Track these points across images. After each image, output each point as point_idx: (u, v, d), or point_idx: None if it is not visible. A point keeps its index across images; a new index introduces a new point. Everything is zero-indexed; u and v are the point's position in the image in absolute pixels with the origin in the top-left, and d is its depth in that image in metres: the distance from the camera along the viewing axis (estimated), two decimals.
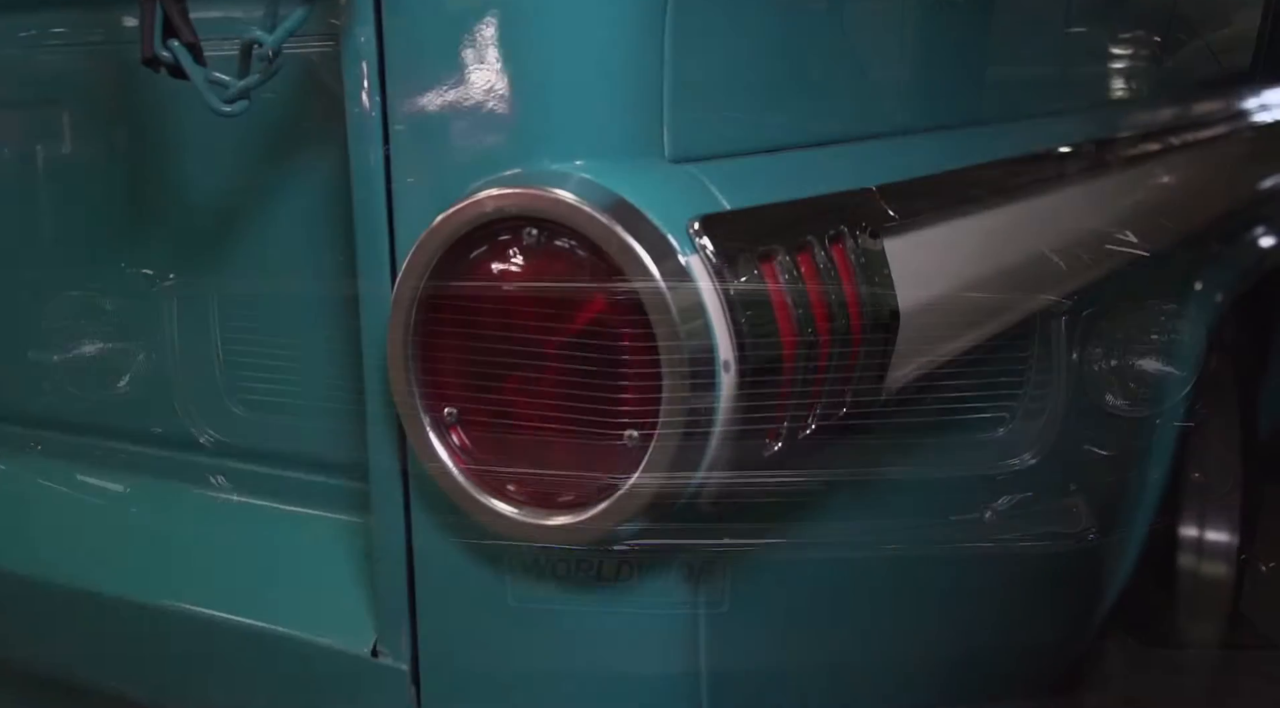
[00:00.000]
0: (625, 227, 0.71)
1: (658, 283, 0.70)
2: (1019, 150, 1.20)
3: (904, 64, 1.05)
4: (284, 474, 1.02)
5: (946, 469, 1.22)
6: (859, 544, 0.96)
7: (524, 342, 0.75)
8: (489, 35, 0.76)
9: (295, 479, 1.01)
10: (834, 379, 0.84)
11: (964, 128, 1.13)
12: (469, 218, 0.74)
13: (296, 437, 1.00)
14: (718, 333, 0.72)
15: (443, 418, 0.79)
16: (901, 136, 1.02)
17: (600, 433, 0.74)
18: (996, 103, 1.23)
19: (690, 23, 0.79)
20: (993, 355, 1.17)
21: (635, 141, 0.78)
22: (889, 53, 1.02)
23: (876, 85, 1.00)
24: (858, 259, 0.86)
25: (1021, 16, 1.30)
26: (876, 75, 1.00)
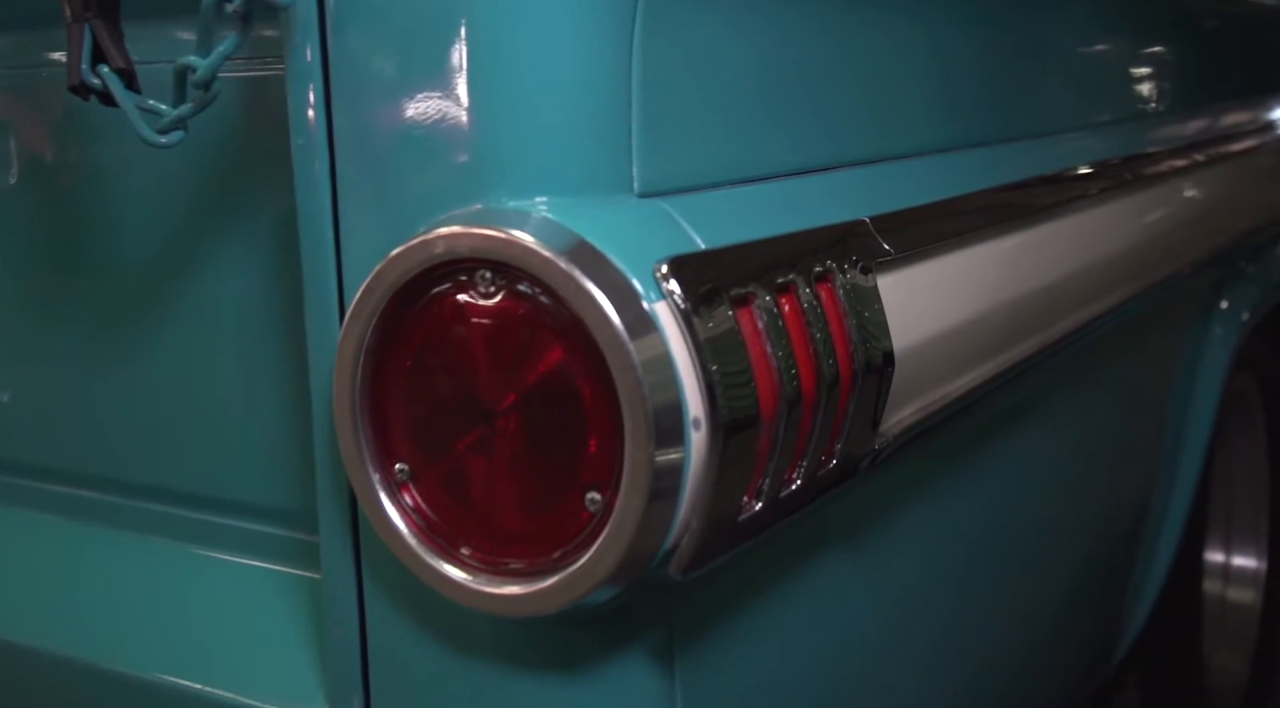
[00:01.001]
0: (584, 270, 0.65)
1: (618, 333, 0.64)
2: (1029, 171, 1.14)
3: (903, 81, 0.98)
4: (229, 523, 0.96)
5: (950, 520, 1.16)
6: (852, 609, 0.89)
7: (477, 395, 0.69)
8: (442, 60, 0.70)
9: (240, 528, 0.95)
10: (821, 430, 0.77)
11: (969, 149, 1.06)
12: (417, 260, 0.68)
13: (240, 482, 0.94)
14: (686, 387, 0.66)
15: (393, 475, 0.72)
16: (900, 160, 0.96)
17: (559, 495, 0.68)
18: (1004, 121, 1.16)
19: (661, 44, 0.73)
20: (1004, 390, 1.11)
21: (601, 175, 0.72)
22: (885, 69, 0.95)
23: (872, 105, 0.93)
24: (847, 298, 0.79)
25: (1028, 29, 1.23)
26: (872, 94, 0.94)
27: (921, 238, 0.91)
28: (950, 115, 1.05)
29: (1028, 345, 1.15)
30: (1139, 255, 1.42)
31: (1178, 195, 1.57)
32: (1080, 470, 1.59)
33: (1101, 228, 1.31)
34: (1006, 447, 1.31)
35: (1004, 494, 1.34)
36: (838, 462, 0.81)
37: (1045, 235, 1.15)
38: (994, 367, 1.09)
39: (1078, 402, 1.50)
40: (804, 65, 0.85)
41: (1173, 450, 1.91)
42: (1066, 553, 1.60)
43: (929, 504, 1.11)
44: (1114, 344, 1.52)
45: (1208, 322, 1.93)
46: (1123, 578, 1.86)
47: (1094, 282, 1.30)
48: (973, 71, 1.09)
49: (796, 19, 0.85)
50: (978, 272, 1.02)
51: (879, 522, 1.00)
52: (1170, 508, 1.94)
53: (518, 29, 0.70)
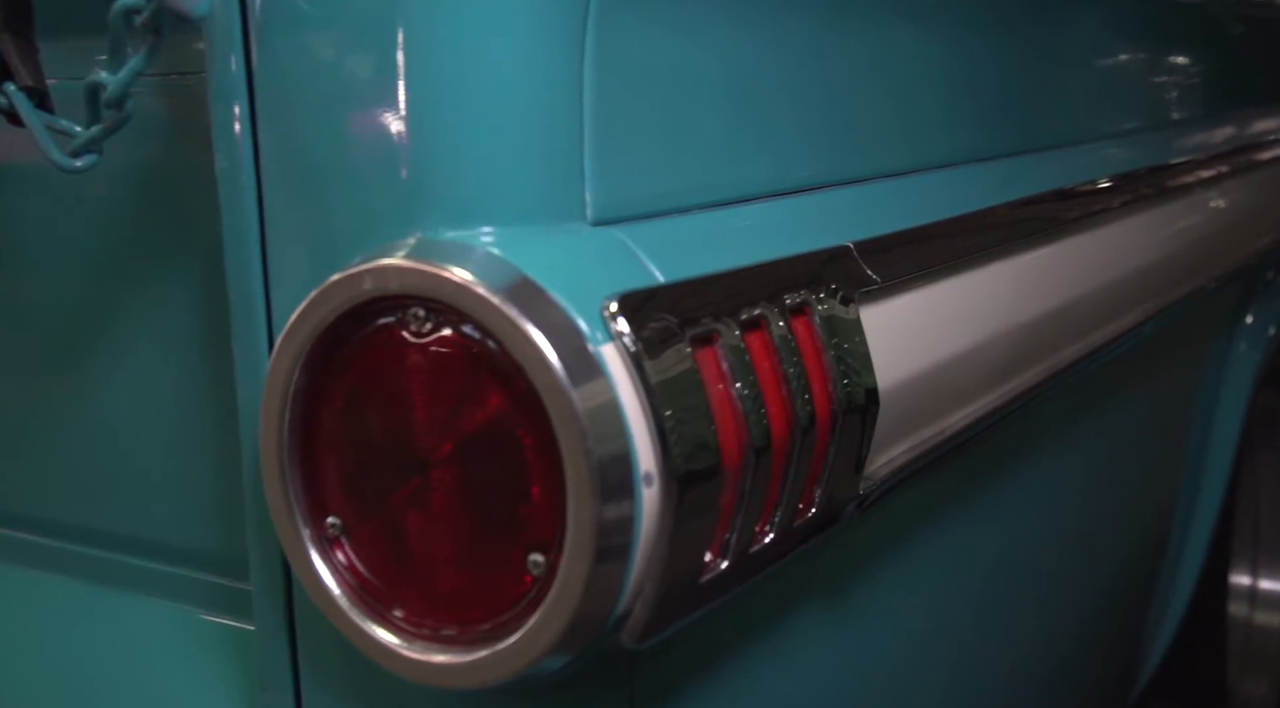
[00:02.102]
0: (522, 309, 0.58)
1: (558, 378, 0.57)
2: (1034, 187, 1.07)
3: (892, 92, 0.91)
4: (152, 566, 0.90)
5: (953, 563, 1.09)
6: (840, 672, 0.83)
7: (411, 444, 0.63)
8: (376, 76, 0.64)
9: (165, 572, 0.89)
10: (796, 477, 0.71)
11: (968, 165, 0.99)
12: (343, 298, 0.62)
13: (164, 523, 0.88)
14: (636, 437, 0.59)
15: (325, 530, 0.66)
16: (890, 179, 0.89)
17: (499, 557, 0.62)
18: (1007, 133, 1.09)
19: (616, 56, 0.67)
20: (1013, 419, 1.04)
21: (550, 202, 0.65)
22: (872, 80, 0.88)
23: (857, 120, 0.87)
24: (826, 332, 0.73)
25: (1030, 33, 1.16)
26: (857, 108, 0.87)
27: (914, 263, 0.85)
28: (946, 128, 0.98)
29: (1035, 373, 1.08)
30: (1156, 274, 1.35)
31: (1196, 208, 1.50)
32: (1097, 498, 1.52)
33: (1114, 246, 1.24)
34: (1016, 478, 1.25)
35: (1014, 529, 1.28)
36: (817, 510, 0.74)
37: (1052, 255, 1.09)
38: (998, 397, 1.02)
39: (1094, 426, 1.43)
40: (780, 78, 0.79)
41: (1195, 471, 1.84)
42: (1083, 585, 1.53)
43: (928, 548, 1.04)
44: (1132, 365, 1.45)
45: (1232, 337, 1.86)
46: (1143, 606, 1.79)
47: (1108, 303, 1.23)
48: (970, 80, 1.02)
49: (771, 28, 0.78)
50: (978, 297, 0.95)
51: (870, 572, 0.94)
52: (1192, 531, 1.87)
53: (458, 42, 0.63)
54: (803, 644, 0.86)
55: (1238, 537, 2.14)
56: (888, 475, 0.83)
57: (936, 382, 0.88)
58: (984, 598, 1.24)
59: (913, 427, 0.87)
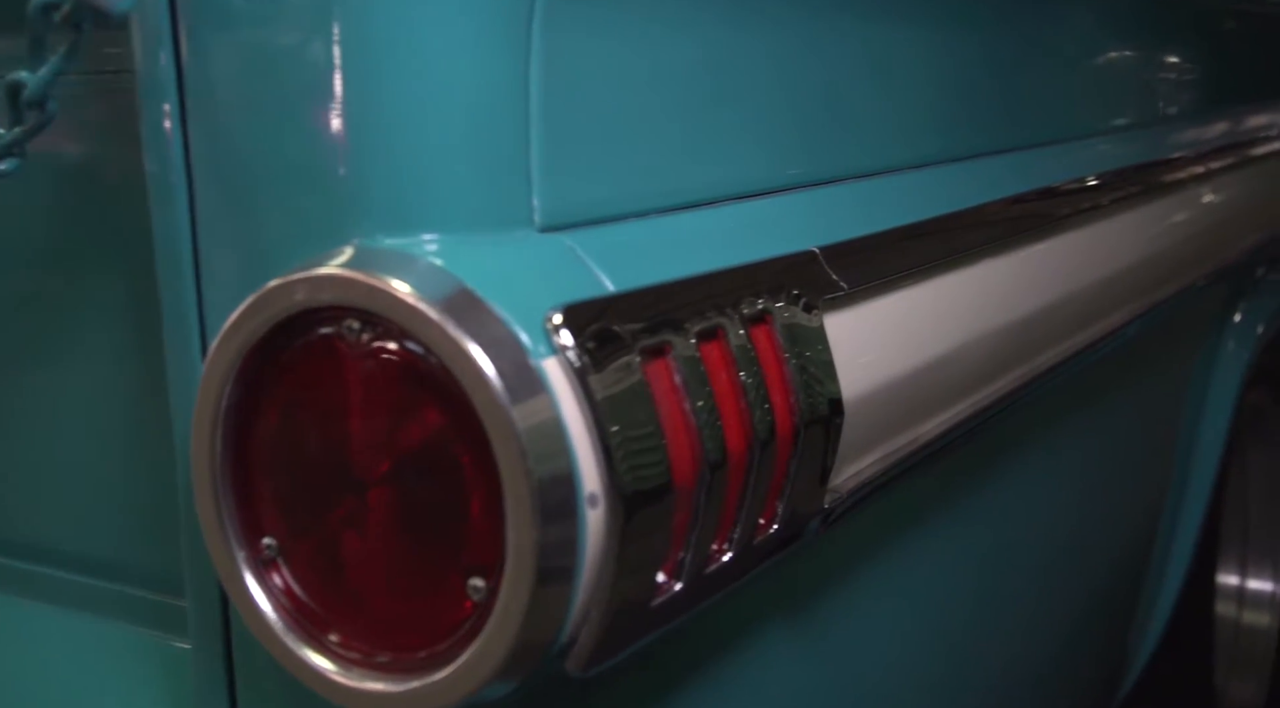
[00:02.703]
0: (458, 322, 0.55)
1: (496, 395, 0.54)
2: (1014, 188, 1.04)
3: (861, 90, 0.88)
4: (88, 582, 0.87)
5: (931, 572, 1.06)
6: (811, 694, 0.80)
7: (348, 463, 0.60)
8: (312, 74, 0.61)
9: (100, 588, 0.86)
10: (755, 492, 0.68)
11: (944, 165, 0.96)
12: (275, 309, 0.59)
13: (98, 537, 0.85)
14: (580, 456, 0.57)
15: (260, 552, 0.63)
16: (860, 181, 0.86)
17: (439, 581, 0.59)
18: (984, 132, 1.06)
19: (564, 53, 0.64)
20: (992, 424, 1.01)
21: (495, 207, 0.62)
22: (839, 78, 0.85)
23: (824, 119, 0.84)
24: (787, 341, 0.70)
25: (1009, 27, 1.13)
26: (824, 107, 0.84)
27: (884, 268, 0.82)
28: (918, 127, 0.95)
29: (1016, 376, 1.06)
30: (1141, 274, 1.32)
31: (1183, 207, 1.47)
32: (1084, 499, 1.49)
33: (1097, 246, 1.21)
34: (999, 482, 1.22)
35: (998, 533, 1.25)
36: (779, 526, 0.72)
37: (1032, 256, 1.06)
38: (978, 402, 0.99)
39: (1080, 427, 1.40)
40: (741, 76, 0.76)
41: (1182, 471, 1.82)
42: (1068, 588, 1.50)
43: (905, 559, 1.01)
44: (1119, 365, 1.42)
45: (1220, 336, 1.84)
46: (1129, 608, 1.76)
47: (1092, 304, 1.21)
48: (943, 77, 0.99)
49: (729, 26, 0.75)
50: (953, 301, 0.92)
51: (841, 587, 0.91)
52: (1180, 531, 1.84)
53: (396, 40, 0.60)
54: (769, 665, 0.83)
55: (1226, 536, 2.12)
56: (856, 487, 0.80)
57: (908, 390, 0.85)
58: (965, 606, 1.21)
59: (883, 436, 0.84)
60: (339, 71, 0.60)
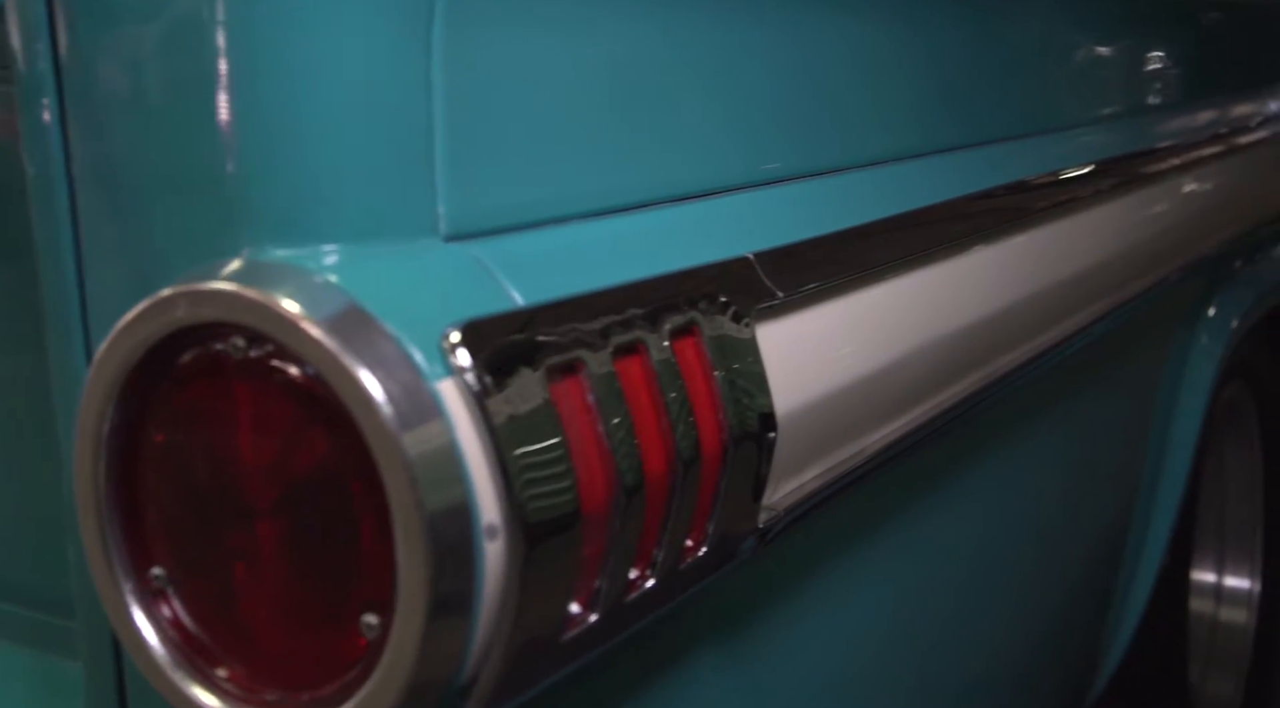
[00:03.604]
0: (345, 342, 0.51)
1: (385, 421, 0.51)
2: (973, 185, 1.00)
3: (806, 84, 0.84)
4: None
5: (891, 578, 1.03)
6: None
7: (236, 490, 0.56)
8: (199, 73, 0.57)
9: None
10: (679, 514, 0.64)
11: (894, 163, 0.93)
12: (156, 326, 0.55)
13: None
14: (477, 486, 0.53)
15: (149, 582, 0.59)
16: (806, 180, 0.82)
17: (331, 616, 0.55)
18: (943, 127, 1.02)
19: (470, 50, 0.60)
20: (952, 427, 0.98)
21: (396, 216, 0.58)
22: (781, 71, 0.81)
23: (764, 115, 0.80)
24: (716, 354, 0.66)
25: (973, 16, 1.09)
26: (765, 102, 0.80)
27: (826, 273, 0.78)
28: (869, 122, 0.91)
29: (974, 380, 1.02)
30: (1109, 271, 1.28)
31: (1155, 201, 1.44)
32: (1050, 502, 1.46)
33: (1061, 243, 1.17)
34: (963, 485, 1.18)
35: (960, 540, 1.21)
36: (710, 548, 0.68)
37: (992, 256, 1.02)
38: (935, 406, 0.96)
39: (1049, 426, 1.37)
40: (672, 71, 0.72)
41: (1155, 469, 1.79)
42: (1037, 592, 1.47)
43: (860, 572, 0.98)
44: (1086, 363, 1.39)
45: (1194, 331, 1.80)
46: (1101, 607, 1.73)
47: (1056, 303, 1.17)
48: (898, 67, 0.95)
49: (656, 17, 0.71)
50: (905, 305, 0.88)
51: (787, 605, 0.87)
52: (1152, 528, 1.81)
53: (287, 37, 0.56)
54: (707, 694, 0.79)
55: (1202, 533, 2.09)
56: (797, 503, 0.76)
57: (854, 399, 0.82)
58: (927, 617, 1.18)
59: (826, 449, 0.80)
60: (226, 70, 0.56)
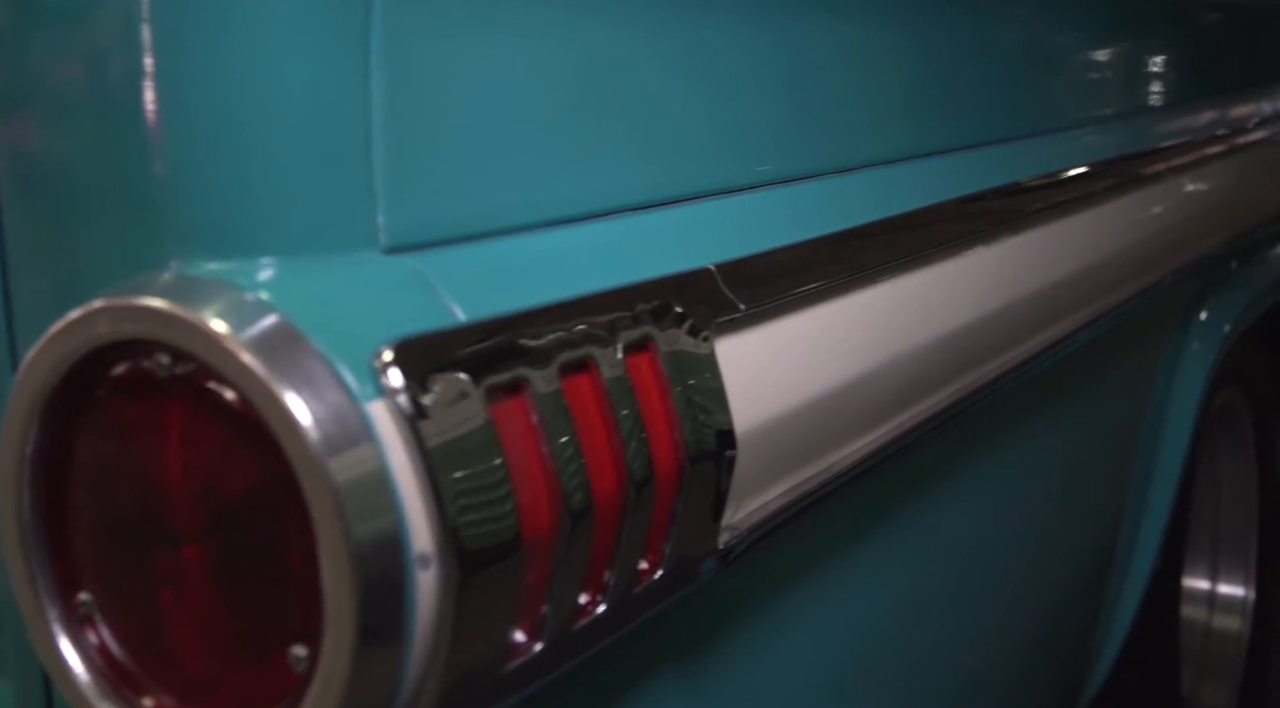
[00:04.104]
0: (270, 361, 0.49)
1: (310, 445, 0.48)
2: (949, 193, 0.98)
3: (772, 87, 0.81)
4: None
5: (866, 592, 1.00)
6: None
7: (162, 514, 0.54)
8: (124, 73, 0.54)
9: None
10: (632, 537, 0.62)
11: (867, 168, 0.90)
12: (78, 342, 0.53)
13: None
14: (409, 513, 0.50)
15: (75, 608, 0.57)
16: (768, 189, 0.80)
17: (259, 647, 0.53)
18: (919, 132, 1.00)
19: (411, 52, 0.58)
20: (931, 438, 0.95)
21: (333, 228, 0.56)
22: (745, 73, 0.79)
23: (728, 120, 0.77)
24: (672, 371, 0.64)
25: (952, 14, 1.07)
26: (729, 106, 0.77)
27: (793, 284, 0.75)
28: (841, 125, 0.88)
29: (952, 391, 1.00)
30: (1094, 278, 1.26)
31: (1144, 205, 1.41)
32: (1037, 511, 1.44)
33: (1044, 249, 1.15)
34: (943, 498, 1.16)
35: (942, 552, 1.19)
36: (667, 570, 0.65)
37: (971, 263, 1.00)
38: (908, 420, 0.93)
39: (1031, 437, 1.34)
40: (628, 74, 0.69)
41: (1145, 476, 1.76)
42: (1023, 603, 1.45)
43: (834, 590, 0.95)
44: (1077, 369, 1.36)
45: (1185, 336, 1.78)
46: (1091, 615, 1.71)
47: (1040, 310, 1.15)
48: (869, 70, 0.92)
49: (612, 19, 0.69)
50: (877, 314, 0.86)
51: (757, 626, 0.85)
52: (1142, 535, 1.79)
53: (218, 38, 0.54)
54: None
55: (1195, 539, 2.06)
56: (762, 521, 0.74)
57: (824, 413, 0.79)
58: (906, 631, 1.15)
59: (794, 465, 0.78)
60: (154, 76, 0.54)
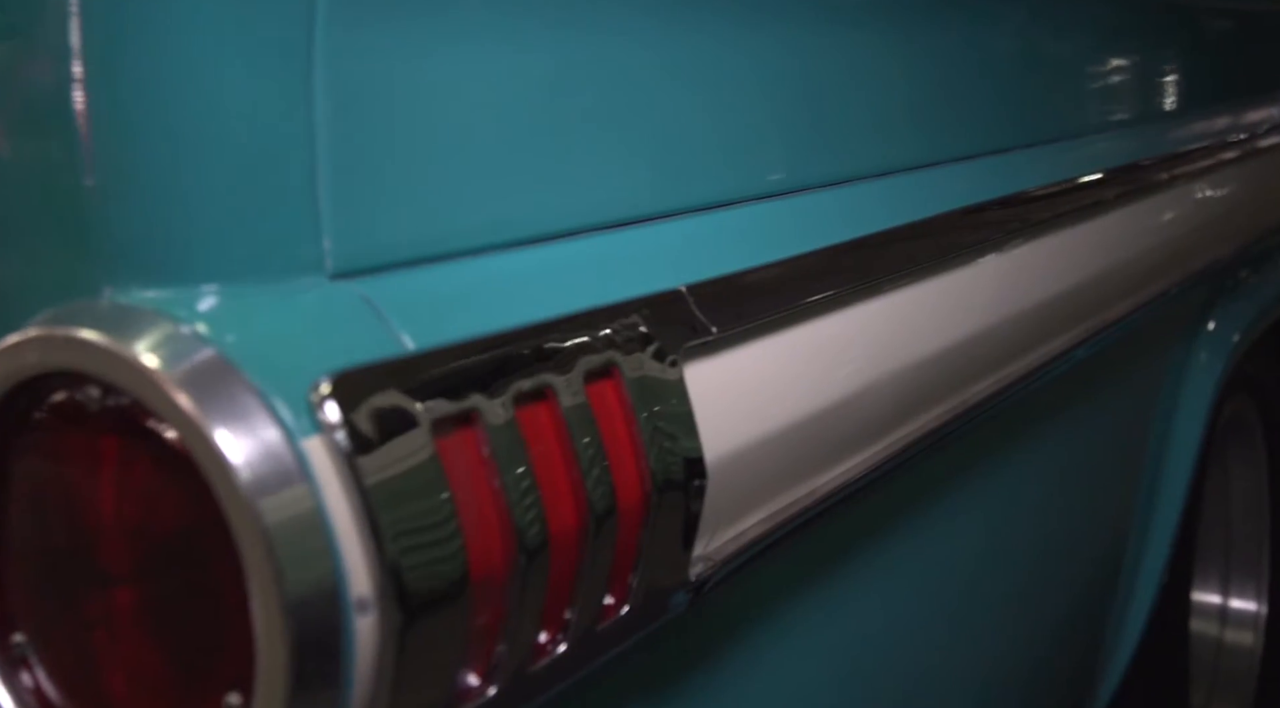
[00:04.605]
0: (199, 397, 0.47)
1: (240, 485, 0.46)
2: (940, 206, 0.95)
3: (752, 95, 0.78)
4: None
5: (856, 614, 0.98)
6: None
7: (94, 554, 0.51)
8: (53, 94, 0.52)
9: None
10: (595, 571, 0.59)
11: (853, 183, 0.87)
12: (6, 373, 0.51)
13: None
14: (347, 558, 0.48)
15: (10, 649, 0.55)
16: (748, 205, 0.77)
17: (192, 695, 0.50)
18: (913, 144, 0.97)
19: (358, 67, 0.55)
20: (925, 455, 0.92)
21: (275, 252, 0.54)
22: (723, 82, 0.76)
23: (703, 134, 0.75)
24: (638, 398, 0.61)
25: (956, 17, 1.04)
26: (701, 117, 0.75)
27: (773, 303, 0.73)
28: (825, 139, 0.85)
29: (945, 409, 0.97)
30: (1100, 287, 1.23)
31: (1150, 213, 1.38)
32: (1042, 523, 1.41)
33: (1047, 261, 1.12)
34: (940, 516, 1.13)
35: (940, 571, 1.16)
36: (634, 606, 0.63)
37: (961, 279, 0.97)
38: (900, 440, 0.91)
39: (1032, 451, 1.31)
40: (594, 86, 0.67)
41: (1151, 487, 1.73)
42: (1028, 618, 1.41)
43: (820, 617, 0.93)
44: (1079, 382, 1.33)
45: (1192, 347, 1.74)
46: (1096, 631, 1.68)
47: (1043, 322, 1.12)
48: (855, 79, 0.89)
49: (575, 29, 0.66)
50: (864, 333, 0.83)
51: (733, 659, 0.82)
52: (1149, 548, 1.76)
53: (154, 56, 0.51)
54: None
55: (1206, 553, 2.03)
56: (738, 551, 0.71)
57: (805, 436, 0.77)
58: (899, 655, 1.13)
59: (774, 492, 0.75)
60: (87, 94, 0.51)
